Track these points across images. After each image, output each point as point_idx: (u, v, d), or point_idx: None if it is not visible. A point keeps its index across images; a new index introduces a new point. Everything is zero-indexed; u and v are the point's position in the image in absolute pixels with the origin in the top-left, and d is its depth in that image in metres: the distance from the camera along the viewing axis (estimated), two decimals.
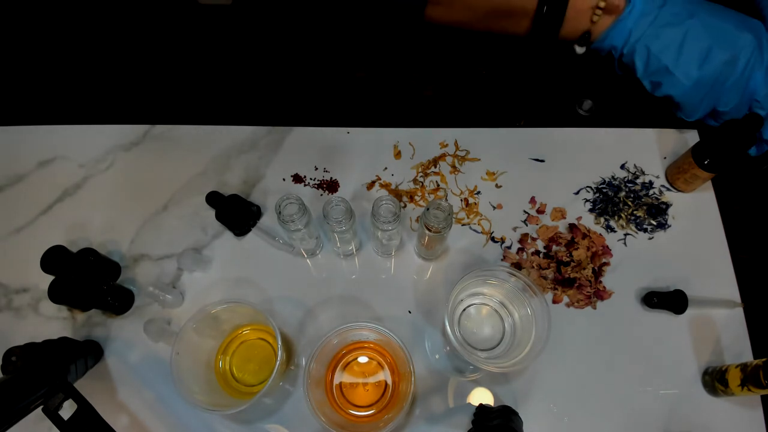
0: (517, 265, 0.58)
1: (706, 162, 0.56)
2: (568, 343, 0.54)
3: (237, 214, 0.59)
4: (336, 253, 0.59)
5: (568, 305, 0.57)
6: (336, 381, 0.52)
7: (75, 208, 0.62)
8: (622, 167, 0.64)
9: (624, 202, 0.61)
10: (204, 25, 0.83)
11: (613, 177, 0.63)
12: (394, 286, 0.58)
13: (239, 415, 0.51)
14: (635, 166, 0.64)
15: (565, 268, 0.57)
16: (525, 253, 0.59)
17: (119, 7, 0.84)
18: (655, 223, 0.60)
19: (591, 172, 0.64)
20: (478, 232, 0.61)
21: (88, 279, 0.53)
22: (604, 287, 0.57)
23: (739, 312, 0.55)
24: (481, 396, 0.52)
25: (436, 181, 0.63)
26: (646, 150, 0.65)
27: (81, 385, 0.51)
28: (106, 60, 0.80)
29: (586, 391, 0.53)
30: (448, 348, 0.54)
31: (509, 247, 0.60)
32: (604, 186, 0.63)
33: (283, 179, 0.64)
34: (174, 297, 0.55)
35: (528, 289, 0.51)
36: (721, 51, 0.52)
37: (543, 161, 0.65)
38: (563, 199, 0.62)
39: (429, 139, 0.66)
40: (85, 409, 0.43)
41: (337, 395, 0.51)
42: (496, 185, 0.63)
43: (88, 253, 0.55)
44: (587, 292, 0.56)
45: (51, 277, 0.51)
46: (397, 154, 0.65)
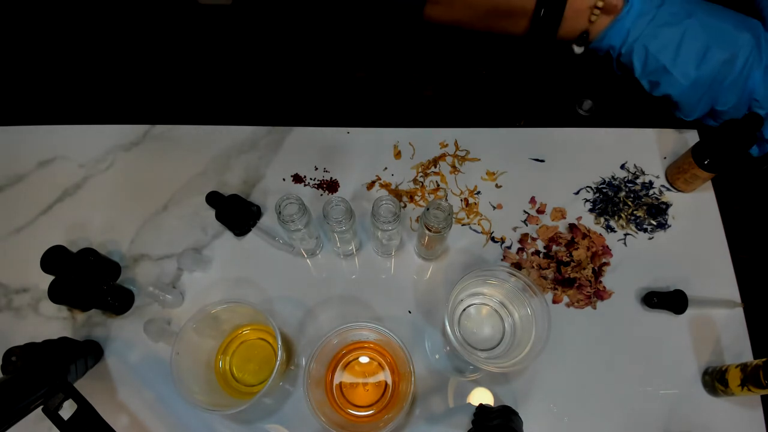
0: (517, 265, 0.58)
1: (706, 162, 0.56)
2: (568, 343, 0.54)
3: (237, 214, 0.59)
4: (336, 253, 0.59)
5: (568, 305, 0.57)
6: (336, 381, 0.52)
7: (75, 208, 0.62)
8: (622, 167, 0.64)
9: (624, 202, 0.61)
10: (204, 25, 0.83)
11: (613, 177, 0.63)
12: (394, 286, 0.58)
13: (239, 415, 0.52)
14: (635, 166, 0.64)
15: (565, 268, 0.57)
16: (525, 253, 0.59)
17: (119, 7, 0.84)
18: (655, 223, 0.60)
19: (591, 172, 0.64)
20: (478, 232, 0.61)
21: (88, 279, 0.53)
22: (604, 287, 0.57)
23: (739, 312, 0.55)
24: (481, 396, 0.52)
25: (436, 181, 0.63)
26: (646, 150, 0.65)
27: (81, 385, 0.51)
28: (106, 60, 0.80)
29: (586, 391, 0.53)
30: (448, 348, 0.54)
31: (509, 247, 0.60)
32: (604, 186, 0.63)
33: (283, 179, 0.64)
34: (174, 297, 0.55)
35: (528, 289, 0.51)
36: (719, 50, 0.52)
37: (543, 161, 0.65)
38: (563, 199, 0.62)
39: (429, 139, 0.66)
40: (85, 409, 0.43)
41: (337, 395, 0.51)
42: (496, 185, 0.63)
43: (88, 253, 0.55)
44: (587, 292, 0.56)
45: (51, 277, 0.51)
46: (397, 154, 0.65)
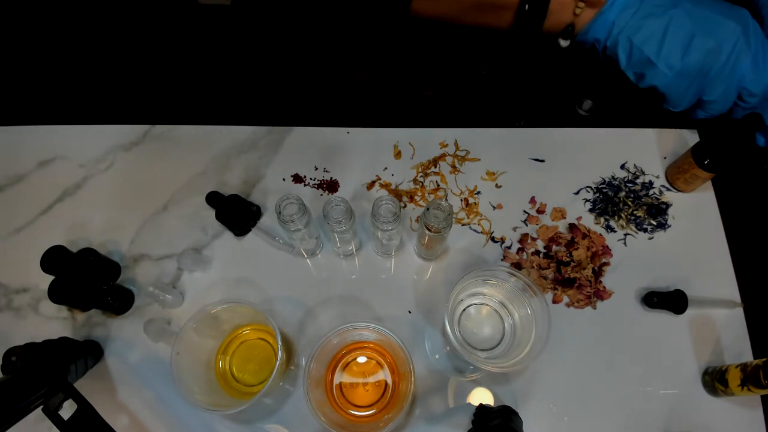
0: (517, 265, 0.58)
1: (706, 162, 0.56)
2: (568, 343, 0.54)
3: (237, 214, 0.59)
4: (336, 253, 0.59)
5: (568, 305, 0.57)
6: (336, 381, 0.52)
7: (75, 208, 0.62)
8: (622, 167, 0.64)
9: (624, 202, 0.61)
10: (204, 25, 0.83)
11: (613, 177, 0.63)
12: (394, 286, 0.58)
13: (239, 415, 0.51)
14: (635, 166, 0.64)
15: (565, 268, 0.57)
16: (525, 253, 0.59)
17: (119, 7, 0.84)
18: (655, 223, 0.60)
19: (591, 172, 0.64)
20: (478, 232, 0.61)
21: (88, 279, 0.53)
22: (604, 287, 0.57)
23: (739, 312, 0.55)
24: (481, 396, 0.52)
25: (436, 181, 0.63)
26: (646, 150, 0.65)
27: (81, 385, 0.51)
28: (106, 60, 0.80)
29: (586, 391, 0.53)
30: (448, 348, 0.54)
31: (509, 247, 0.60)
32: (604, 186, 0.63)
33: (283, 179, 0.64)
34: (174, 297, 0.55)
35: (528, 289, 0.51)
36: (704, 39, 0.51)
37: (543, 161, 0.65)
38: (563, 199, 0.62)
39: (429, 139, 0.66)
40: (85, 409, 0.43)
41: (337, 395, 0.51)
42: (496, 185, 0.63)
43: (88, 253, 0.55)
44: (587, 292, 0.56)
45: (51, 277, 0.51)
46: (397, 154, 0.65)
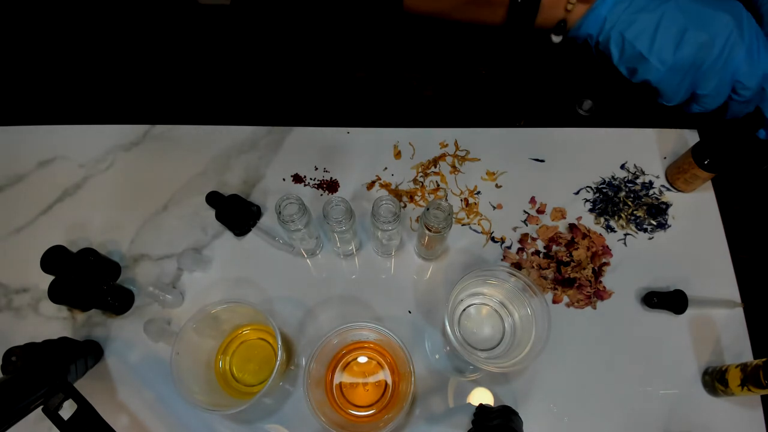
0: (517, 265, 0.58)
1: (706, 162, 0.56)
2: (568, 343, 0.54)
3: (237, 214, 0.59)
4: (336, 253, 0.59)
5: (568, 305, 0.57)
6: (336, 381, 0.52)
7: (75, 208, 0.62)
8: (622, 167, 0.64)
9: (624, 202, 0.61)
10: (204, 25, 0.83)
11: (613, 177, 0.63)
12: (394, 286, 0.58)
13: (239, 415, 0.51)
14: (635, 166, 0.64)
15: (565, 268, 0.57)
16: (525, 253, 0.59)
17: (119, 7, 0.84)
18: (655, 223, 0.60)
19: (591, 172, 0.64)
20: (478, 232, 0.61)
21: (88, 279, 0.53)
22: (604, 287, 0.57)
23: (739, 312, 0.55)
24: (481, 396, 0.52)
25: (436, 181, 0.63)
26: (646, 150, 0.65)
27: (81, 385, 0.51)
28: (106, 60, 0.80)
29: (586, 391, 0.53)
30: (448, 348, 0.54)
31: (509, 247, 0.60)
32: (604, 186, 0.63)
33: (283, 179, 0.64)
34: (174, 297, 0.55)
35: (528, 289, 0.51)
36: (696, 33, 0.50)
37: (543, 161, 0.65)
38: (563, 199, 0.62)
39: (429, 139, 0.66)
40: (85, 409, 0.43)
41: (337, 395, 0.51)
42: (496, 185, 0.63)
43: (88, 253, 0.55)
44: (587, 292, 0.56)
45: (51, 277, 0.51)
46: (397, 154, 0.65)
